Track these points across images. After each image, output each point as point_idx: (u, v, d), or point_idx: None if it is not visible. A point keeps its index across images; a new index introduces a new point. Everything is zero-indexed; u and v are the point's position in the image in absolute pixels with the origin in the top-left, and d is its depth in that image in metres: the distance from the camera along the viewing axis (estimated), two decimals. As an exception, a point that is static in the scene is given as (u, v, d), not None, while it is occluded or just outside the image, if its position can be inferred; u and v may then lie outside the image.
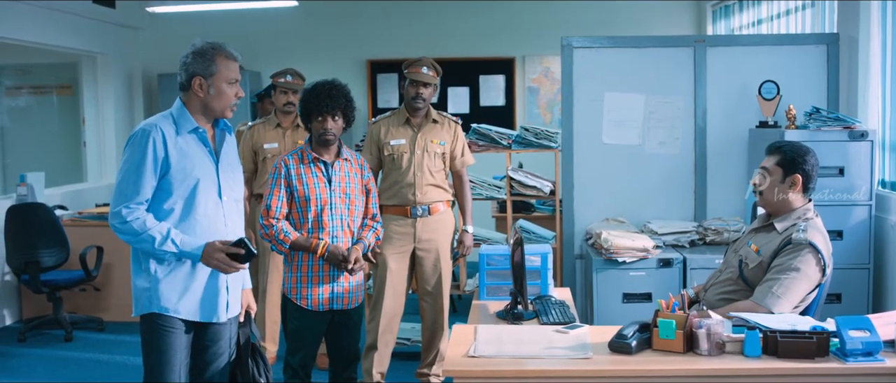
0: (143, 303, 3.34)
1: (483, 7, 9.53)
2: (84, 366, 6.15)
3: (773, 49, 5.63)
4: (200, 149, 3.37)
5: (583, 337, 3.41)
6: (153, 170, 3.25)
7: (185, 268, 3.33)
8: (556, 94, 9.46)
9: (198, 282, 3.36)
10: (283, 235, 4.04)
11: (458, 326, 3.71)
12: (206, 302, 3.39)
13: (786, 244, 3.61)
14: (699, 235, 5.42)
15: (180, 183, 3.29)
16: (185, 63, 3.34)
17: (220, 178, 3.41)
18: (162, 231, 3.22)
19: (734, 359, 3.09)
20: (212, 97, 3.35)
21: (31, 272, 6.68)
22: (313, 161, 4.11)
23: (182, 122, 3.34)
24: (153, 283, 3.31)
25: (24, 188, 7.26)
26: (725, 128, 5.63)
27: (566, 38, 5.71)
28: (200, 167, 3.34)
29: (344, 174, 4.14)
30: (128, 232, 3.23)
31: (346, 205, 4.13)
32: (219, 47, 3.38)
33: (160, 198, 3.28)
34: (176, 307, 3.33)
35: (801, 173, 3.70)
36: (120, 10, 9.01)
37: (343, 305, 4.14)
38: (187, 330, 3.39)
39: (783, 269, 3.55)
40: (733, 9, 8.31)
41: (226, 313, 3.46)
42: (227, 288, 3.44)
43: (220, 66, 3.35)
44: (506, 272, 4.30)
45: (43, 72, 9.78)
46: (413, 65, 4.95)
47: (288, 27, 9.69)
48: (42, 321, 6.99)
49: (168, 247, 3.22)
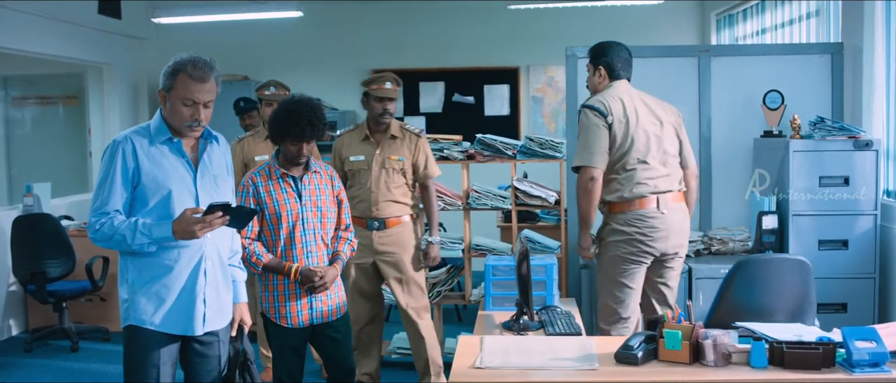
0: (123, 315, 3.35)
1: (487, 17, 9.55)
2: (90, 376, 6.16)
3: (777, 58, 5.63)
4: (176, 159, 3.33)
5: (589, 348, 3.42)
6: (123, 181, 3.25)
7: (160, 279, 3.30)
8: (560, 103, 9.47)
9: (172, 293, 3.32)
10: (255, 258, 3.97)
11: (463, 337, 3.71)
12: (181, 314, 3.34)
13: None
14: (705, 245, 5.42)
15: (153, 193, 3.27)
16: (161, 74, 3.33)
17: (199, 188, 3.37)
18: (130, 225, 3.20)
19: (740, 370, 3.10)
20: (169, 112, 3.32)
21: (37, 282, 6.70)
22: (282, 176, 4.05)
23: (157, 133, 3.33)
24: (131, 295, 3.31)
25: (31, 198, 7.28)
26: (730, 137, 5.63)
27: (571, 47, 5.72)
28: (174, 177, 3.31)
29: (314, 187, 4.09)
30: (102, 238, 3.23)
31: (318, 218, 4.07)
32: (187, 64, 3.27)
33: (136, 209, 3.28)
34: (152, 319, 3.30)
35: (604, 65, 4.62)
36: (126, 21, 9.05)
37: (323, 319, 4.10)
38: (167, 344, 3.35)
39: (579, 133, 4.47)
40: (737, 18, 8.33)
41: (202, 326, 3.39)
42: (203, 301, 3.37)
43: (179, 83, 3.26)
44: (511, 282, 4.30)
45: (49, 82, 9.83)
46: (376, 81, 5.06)
47: (292, 37, 9.71)
48: (48, 331, 7.00)
49: (140, 240, 3.20)
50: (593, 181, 4.37)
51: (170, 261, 3.30)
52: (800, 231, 5.00)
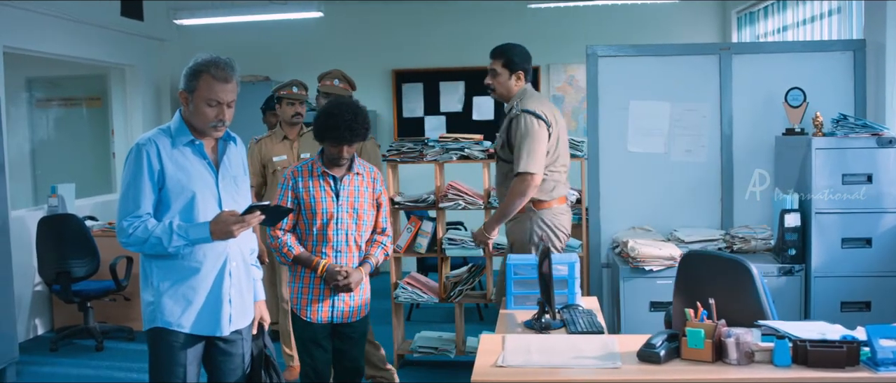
0: (148, 317, 3.37)
1: (508, 16, 9.55)
2: (115, 375, 6.22)
3: (799, 56, 5.60)
4: (198, 161, 3.36)
5: (611, 347, 3.42)
6: (151, 183, 3.27)
7: (187, 281, 3.33)
8: (580, 102, 9.46)
9: (199, 295, 3.35)
10: (286, 249, 4.09)
11: (485, 335, 3.72)
12: (208, 315, 3.37)
13: (511, 120, 4.66)
14: (726, 243, 5.41)
15: (177, 196, 3.30)
16: (182, 75, 3.35)
17: (221, 190, 3.40)
18: (165, 228, 3.22)
19: (764, 369, 3.09)
20: (191, 114, 3.34)
21: (62, 282, 6.76)
22: (322, 174, 4.12)
23: (178, 135, 3.35)
24: (157, 297, 3.33)
25: (56, 199, 7.36)
26: (752, 135, 5.61)
27: (591, 46, 5.72)
28: (197, 179, 3.34)
29: (353, 188, 4.14)
30: (135, 242, 3.25)
31: (353, 219, 4.13)
32: (210, 65, 3.29)
33: (161, 213, 3.30)
34: (179, 321, 3.33)
35: (524, 70, 4.79)
36: (148, 22, 9.12)
37: (344, 319, 4.17)
38: (193, 345, 3.39)
39: (519, 139, 4.59)
40: (758, 15, 8.29)
41: (229, 326, 3.43)
42: (229, 301, 3.41)
43: (202, 84, 3.28)
44: (533, 281, 4.30)
45: (72, 84, 9.91)
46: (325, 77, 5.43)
47: (313, 37, 9.75)
48: (73, 330, 7.08)
49: (177, 242, 3.23)
50: (533, 187, 4.63)
51: (196, 262, 3.33)
52: (823, 229, 4.98)
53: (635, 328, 4.92)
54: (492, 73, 4.81)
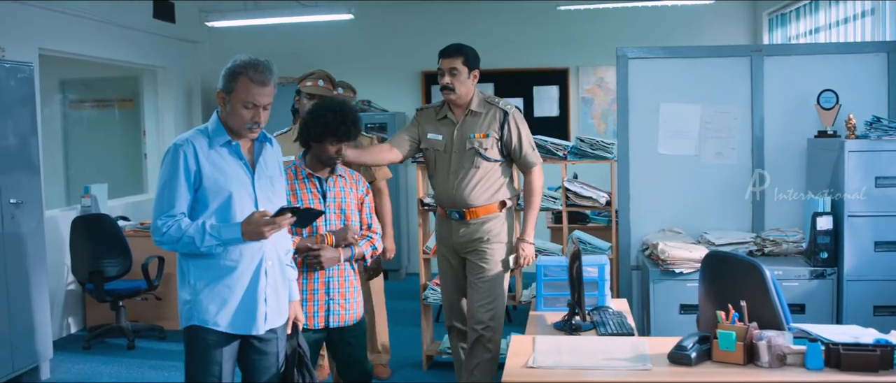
0: (185, 316, 3.41)
1: (537, 18, 9.55)
2: (147, 374, 6.28)
3: (831, 58, 5.56)
4: (234, 162, 3.39)
5: (642, 349, 3.42)
6: (187, 183, 3.30)
7: (223, 280, 3.37)
8: (610, 104, 9.44)
9: (235, 294, 3.38)
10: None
11: (516, 337, 3.73)
12: (245, 313, 3.40)
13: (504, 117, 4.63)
14: (757, 246, 5.38)
15: (214, 196, 3.33)
16: (220, 76, 3.39)
17: (257, 190, 3.42)
18: (198, 228, 3.26)
19: (796, 372, 3.07)
20: (228, 115, 3.37)
21: (95, 281, 6.84)
22: (307, 176, 4.10)
23: (215, 136, 3.39)
24: (194, 296, 3.37)
25: (89, 199, 7.44)
26: (783, 138, 5.57)
27: (621, 48, 5.71)
28: (234, 180, 3.37)
29: (339, 189, 4.13)
30: (169, 241, 3.29)
31: (341, 220, 4.11)
32: (249, 67, 3.32)
33: (197, 212, 3.33)
34: (215, 319, 3.37)
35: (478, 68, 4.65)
36: (180, 24, 9.21)
37: (340, 322, 4.10)
38: (229, 343, 3.42)
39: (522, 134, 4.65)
40: (790, 17, 8.23)
41: (264, 324, 3.45)
42: (264, 300, 3.44)
43: (240, 86, 3.31)
44: (563, 283, 4.31)
45: (105, 86, 10.01)
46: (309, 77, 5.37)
47: (344, 39, 9.80)
48: (105, 329, 7.16)
49: (209, 242, 3.26)
50: None
51: (232, 261, 3.36)
52: (855, 232, 4.94)
53: (665, 331, 4.90)
54: (452, 72, 4.59)
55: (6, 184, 5.64)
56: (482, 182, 4.65)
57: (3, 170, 5.64)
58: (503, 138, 4.64)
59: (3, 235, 5.61)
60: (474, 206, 4.67)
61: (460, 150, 4.66)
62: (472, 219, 4.68)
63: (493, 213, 4.70)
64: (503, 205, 4.73)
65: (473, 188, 4.64)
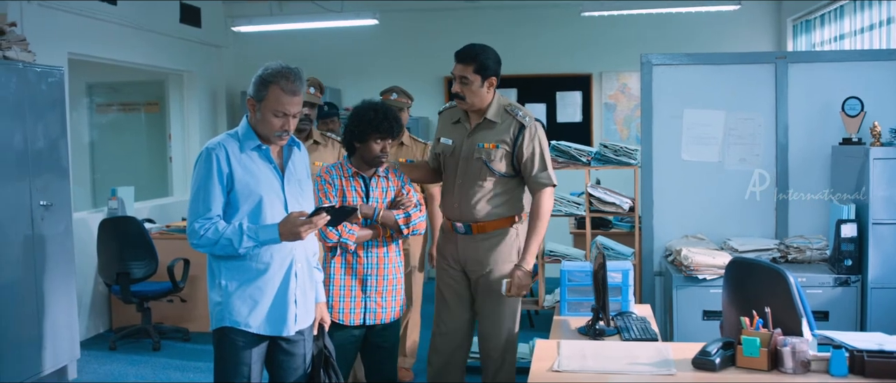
0: (216, 317, 3.46)
1: (560, 24, 9.58)
2: (172, 374, 6.34)
3: (856, 65, 5.55)
4: (265, 165, 3.44)
5: (666, 354, 3.44)
6: (220, 186, 3.35)
7: (254, 282, 3.41)
8: (633, 110, 9.45)
9: (266, 295, 3.42)
10: (346, 233, 4.01)
11: (540, 341, 3.76)
12: (275, 315, 3.45)
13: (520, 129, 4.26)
14: (781, 253, 5.38)
15: (245, 199, 3.38)
16: (252, 82, 3.43)
17: (286, 193, 3.48)
18: (235, 230, 3.31)
19: (820, 378, 3.09)
20: (258, 121, 3.42)
21: (121, 283, 6.91)
22: (353, 175, 4.15)
23: (246, 140, 3.43)
24: (225, 297, 3.41)
25: (115, 202, 7.52)
26: (807, 144, 5.57)
27: (646, 55, 5.72)
28: (264, 183, 3.42)
29: (382, 189, 4.17)
30: (206, 244, 3.34)
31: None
32: (280, 76, 3.35)
33: (228, 216, 3.38)
34: (246, 321, 3.41)
35: (498, 77, 4.33)
36: (205, 29, 9.30)
37: (376, 320, 4.12)
38: (258, 344, 3.47)
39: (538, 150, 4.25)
40: (815, 24, 8.22)
41: (294, 326, 3.50)
42: (295, 302, 3.48)
43: (271, 95, 3.35)
44: (586, 288, 4.33)
45: (131, 89, 10.13)
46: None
47: (368, 45, 9.86)
48: (132, 330, 7.23)
49: (247, 244, 3.31)
50: None
51: (262, 264, 3.41)
52: (880, 239, 4.93)
53: (688, 336, 4.91)
54: (462, 80, 4.28)
55: (36, 187, 5.72)
56: (491, 196, 4.29)
57: (34, 172, 5.72)
58: (514, 151, 4.26)
59: (32, 237, 5.69)
60: (481, 220, 4.30)
61: (467, 159, 4.32)
62: (480, 234, 4.31)
63: (503, 228, 4.31)
64: (513, 221, 4.35)
65: (480, 201, 4.28)
